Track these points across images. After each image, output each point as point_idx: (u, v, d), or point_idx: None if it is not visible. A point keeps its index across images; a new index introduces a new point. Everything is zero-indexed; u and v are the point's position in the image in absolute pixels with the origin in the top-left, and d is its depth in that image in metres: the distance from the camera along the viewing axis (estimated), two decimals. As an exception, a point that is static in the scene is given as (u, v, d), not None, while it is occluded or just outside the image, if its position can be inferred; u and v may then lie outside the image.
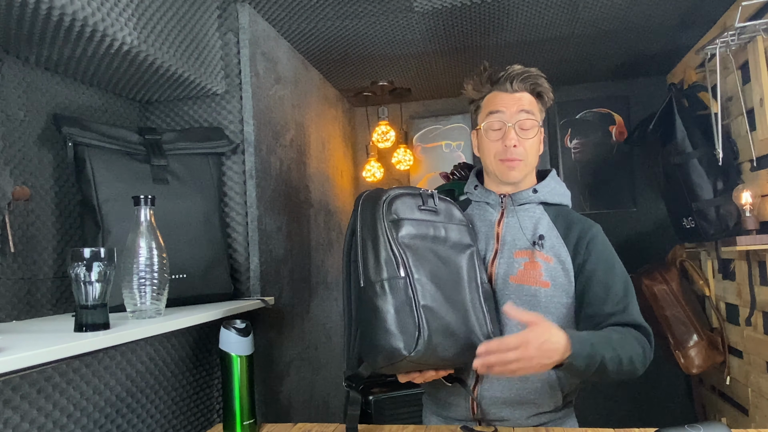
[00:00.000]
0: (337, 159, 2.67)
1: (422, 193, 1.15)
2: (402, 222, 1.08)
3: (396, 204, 1.09)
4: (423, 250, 1.09)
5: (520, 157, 1.25)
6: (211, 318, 1.28)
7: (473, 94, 1.32)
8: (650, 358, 1.15)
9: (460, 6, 1.82)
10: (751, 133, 1.83)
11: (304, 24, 1.90)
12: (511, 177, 1.27)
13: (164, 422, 1.34)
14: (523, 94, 1.26)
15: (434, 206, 1.16)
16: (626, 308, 1.18)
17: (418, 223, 1.10)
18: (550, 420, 1.25)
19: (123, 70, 1.38)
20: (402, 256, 1.04)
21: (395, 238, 1.05)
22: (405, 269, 1.03)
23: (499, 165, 1.26)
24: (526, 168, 1.27)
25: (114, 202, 1.28)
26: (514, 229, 1.26)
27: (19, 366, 0.78)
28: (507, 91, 1.26)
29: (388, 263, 1.03)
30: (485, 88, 1.29)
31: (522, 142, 1.24)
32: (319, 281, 2.22)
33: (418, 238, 1.09)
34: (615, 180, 2.83)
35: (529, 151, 1.26)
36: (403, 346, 0.99)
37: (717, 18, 2.01)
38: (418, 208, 1.12)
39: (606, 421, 1.49)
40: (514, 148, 1.23)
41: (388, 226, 1.06)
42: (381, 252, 1.04)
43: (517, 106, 1.24)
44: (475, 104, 1.33)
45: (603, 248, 1.23)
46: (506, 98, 1.26)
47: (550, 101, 1.31)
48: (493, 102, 1.27)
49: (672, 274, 2.33)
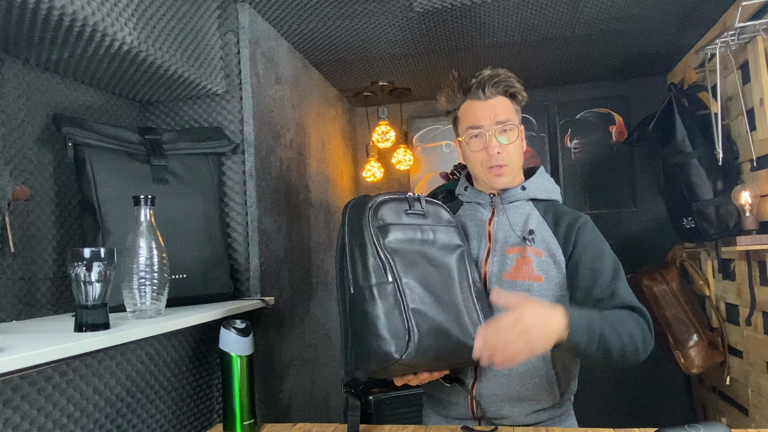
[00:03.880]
0: (337, 159, 2.67)
1: (408, 197, 1.17)
2: (388, 227, 1.10)
3: (382, 210, 1.11)
4: (411, 253, 1.10)
5: (505, 162, 1.26)
6: (211, 318, 1.28)
7: (447, 105, 1.34)
8: (651, 342, 1.12)
9: (460, 6, 1.82)
10: (751, 133, 1.83)
11: (304, 24, 1.90)
12: (500, 183, 1.28)
13: (164, 422, 1.34)
14: (497, 100, 1.27)
15: (421, 209, 1.17)
16: (615, 292, 1.16)
17: (405, 228, 1.12)
18: (549, 417, 1.26)
19: (123, 70, 1.38)
20: (389, 262, 1.06)
21: (382, 244, 1.07)
22: (393, 274, 1.05)
23: (487, 173, 1.28)
24: (512, 172, 1.29)
25: (114, 202, 1.28)
26: (504, 227, 1.28)
27: (19, 366, 0.78)
28: (480, 99, 1.27)
29: (375, 269, 1.05)
30: (458, 98, 1.31)
31: (504, 147, 1.26)
32: (319, 281, 2.22)
33: (406, 242, 1.11)
34: (615, 180, 2.83)
35: (513, 154, 1.27)
36: (395, 350, 1.00)
37: (717, 18, 2.01)
38: (405, 212, 1.14)
39: (606, 421, 1.49)
40: (498, 155, 1.25)
41: (374, 233, 1.08)
42: (369, 258, 1.06)
43: (493, 116, 1.25)
44: (452, 115, 1.34)
45: (591, 236, 1.24)
46: (482, 108, 1.26)
47: (524, 99, 1.32)
48: (469, 114, 1.28)
49: (672, 274, 2.33)
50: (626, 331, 1.08)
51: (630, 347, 1.08)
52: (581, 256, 1.21)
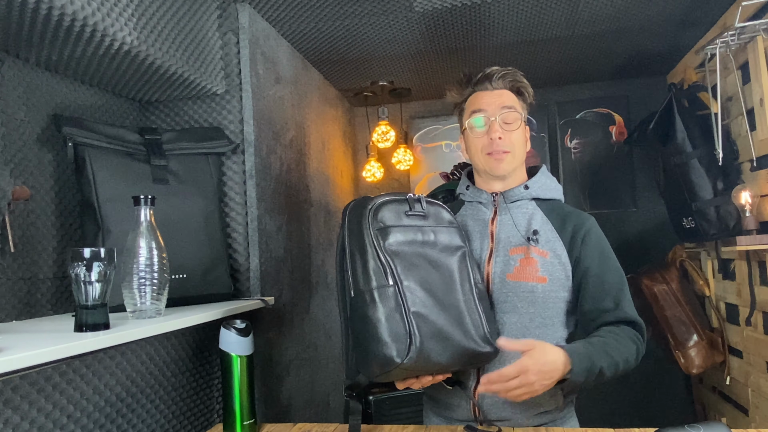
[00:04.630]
0: (337, 159, 2.67)
1: (409, 198, 1.15)
2: (389, 230, 1.08)
3: (382, 212, 1.09)
4: (412, 256, 1.09)
5: (506, 149, 1.26)
6: (211, 318, 1.28)
7: (456, 98, 1.35)
8: (643, 353, 1.19)
9: (460, 6, 1.82)
10: (751, 133, 1.83)
11: (304, 24, 1.90)
12: (500, 170, 1.27)
13: (164, 422, 1.34)
14: (503, 91, 1.29)
15: (422, 210, 1.15)
16: (621, 305, 1.20)
17: (405, 230, 1.10)
18: (552, 419, 1.25)
19: (123, 70, 1.38)
20: (390, 265, 1.04)
21: (382, 247, 1.05)
22: (393, 277, 1.03)
23: (487, 159, 1.27)
24: (514, 161, 1.28)
25: (114, 202, 1.28)
26: (507, 227, 1.27)
27: (19, 366, 0.78)
28: (487, 89, 1.29)
29: (376, 272, 1.03)
30: (466, 91, 1.32)
31: (507, 134, 1.26)
32: (319, 281, 2.22)
33: (407, 244, 1.09)
34: (615, 180, 2.83)
35: (515, 143, 1.27)
36: (396, 354, 0.99)
37: (717, 18, 2.01)
38: (405, 213, 1.12)
39: (606, 421, 1.49)
40: (499, 140, 1.25)
41: (374, 235, 1.06)
42: (369, 261, 1.04)
43: (498, 102, 1.27)
44: (459, 107, 1.35)
45: (597, 242, 1.24)
46: (487, 96, 1.28)
47: (530, 98, 1.32)
48: (475, 102, 1.29)
49: (672, 274, 2.33)
50: (623, 357, 1.14)
51: (623, 369, 1.15)
52: (589, 266, 1.22)
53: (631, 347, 1.16)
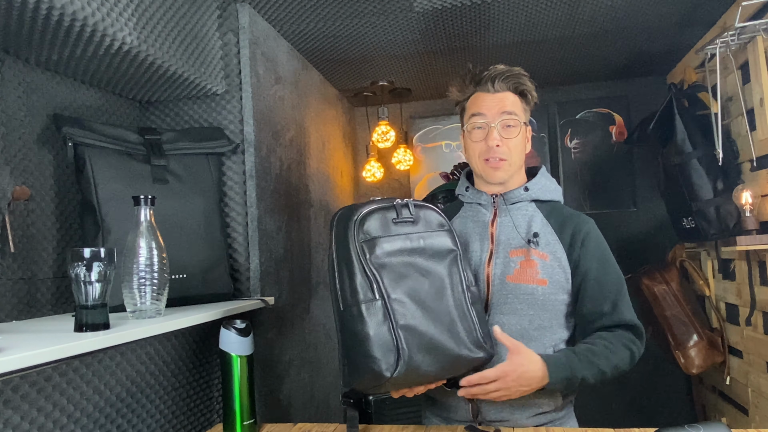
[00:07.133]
0: (337, 159, 2.67)
1: (396, 204, 1.10)
2: (375, 241, 1.04)
3: (368, 222, 1.05)
4: (400, 266, 1.06)
5: (503, 157, 1.25)
6: (211, 318, 1.28)
7: (458, 95, 1.34)
8: (640, 355, 1.20)
9: (460, 6, 1.82)
10: (751, 133, 1.83)
11: (304, 24, 1.90)
12: (496, 177, 1.27)
13: (164, 422, 1.34)
14: (505, 94, 1.27)
15: (410, 216, 1.11)
16: (618, 308, 1.20)
17: (392, 239, 1.07)
18: (551, 420, 1.25)
19: (123, 70, 1.38)
20: (376, 278, 1.02)
21: (369, 260, 1.03)
22: (380, 292, 1.01)
23: (484, 165, 1.27)
24: (510, 168, 1.27)
25: (114, 202, 1.28)
26: (507, 229, 1.27)
27: (19, 366, 0.78)
28: (489, 92, 1.27)
29: (362, 287, 1.01)
30: (469, 90, 1.31)
31: (505, 141, 1.25)
32: (319, 281, 2.22)
33: (394, 255, 1.06)
34: (615, 180, 2.83)
35: (513, 150, 1.26)
36: (384, 369, 0.98)
37: (717, 18, 2.01)
38: (393, 221, 1.08)
39: (606, 421, 1.49)
40: (497, 148, 1.24)
41: (360, 248, 1.03)
42: (356, 275, 1.02)
43: (499, 107, 1.25)
44: (461, 106, 1.34)
45: (597, 245, 1.24)
46: (488, 99, 1.27)
47: (534, 100, 1.32)
48: (475, 104, 1.28)
49: (672, 274, 2.33)
50: (611, 364, 1.15)
51: (612, 375, 1.17)
52: (588, 269, 1.22)
53: (624, 353, 1.16)
